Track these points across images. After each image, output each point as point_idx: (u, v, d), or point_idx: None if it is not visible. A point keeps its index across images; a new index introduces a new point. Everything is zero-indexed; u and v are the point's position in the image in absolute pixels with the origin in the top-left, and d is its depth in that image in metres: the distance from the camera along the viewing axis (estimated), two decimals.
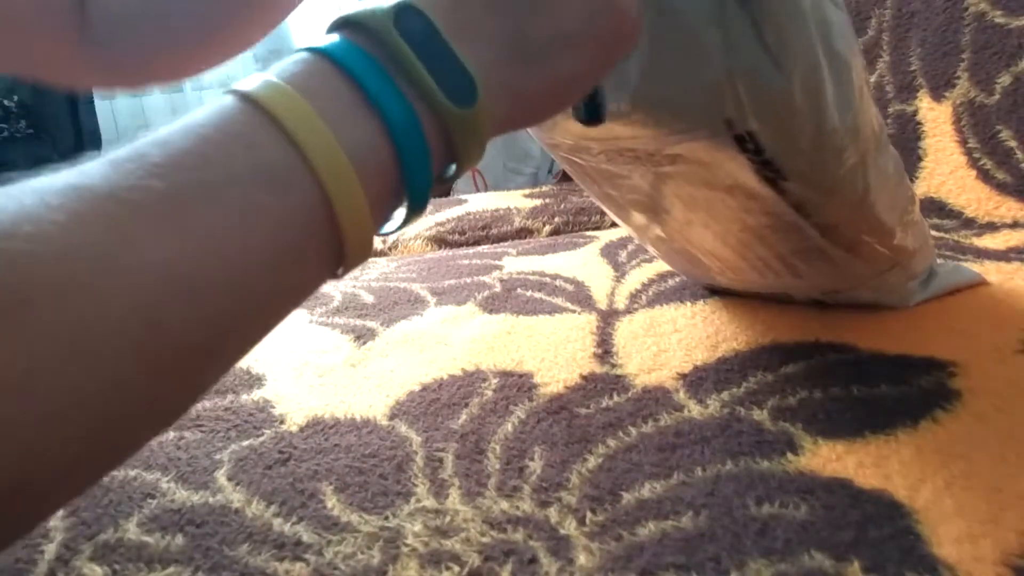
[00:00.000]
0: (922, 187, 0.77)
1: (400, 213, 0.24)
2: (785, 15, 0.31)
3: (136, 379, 0.18)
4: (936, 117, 0.77)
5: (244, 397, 0.45)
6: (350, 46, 0.22)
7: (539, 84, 0.26)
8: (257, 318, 0.21)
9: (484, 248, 0.84)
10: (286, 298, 0.22)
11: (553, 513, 0.31)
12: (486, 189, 1.65)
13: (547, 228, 0.94)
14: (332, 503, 0.33)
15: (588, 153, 0.42)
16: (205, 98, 2.07)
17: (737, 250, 0.45)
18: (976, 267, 0.52)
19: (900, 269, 0.43)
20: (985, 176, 0.72)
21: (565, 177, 1.41)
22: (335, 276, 0.23)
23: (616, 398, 0.40)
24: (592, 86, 0.30)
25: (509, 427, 0.38)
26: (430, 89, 0.22)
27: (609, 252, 0.72)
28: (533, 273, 0.67)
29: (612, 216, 0.52)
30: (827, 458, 0.32)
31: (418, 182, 0.23)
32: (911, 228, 0.42)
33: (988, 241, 0.63)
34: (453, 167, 0.25)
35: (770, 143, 0.34)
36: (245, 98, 0.20)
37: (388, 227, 0.25)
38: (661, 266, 0.62)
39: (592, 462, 0.34)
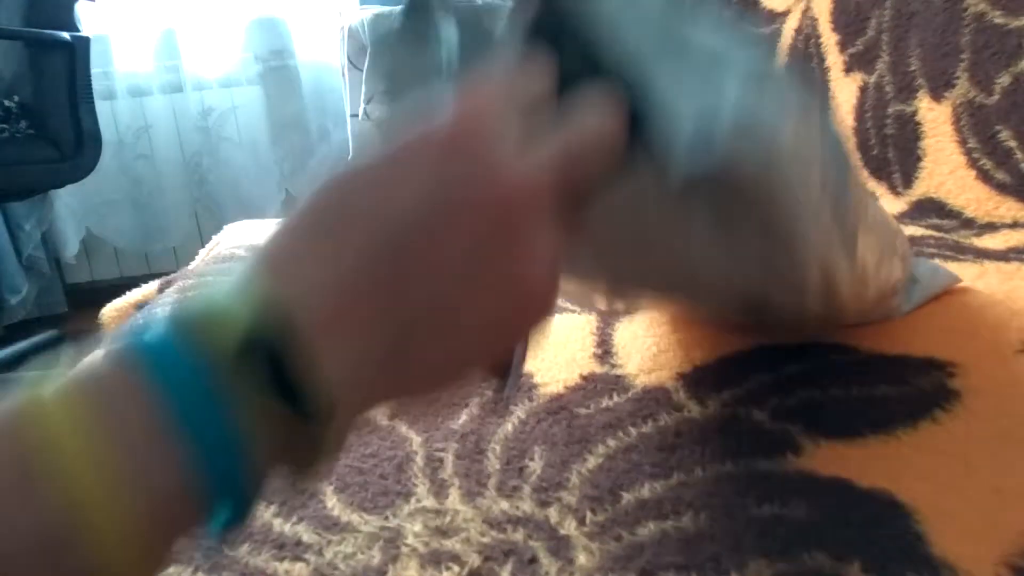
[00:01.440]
0: (922, 187, 0.77)
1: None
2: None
3: None
4: (936, 117, 0.77)
5: None
6: (179, 359, 0.19)
7: (418, 386, 0.24)
8: None
9: None
10: None
11: (553, 513, 0.31)
12: None
13: None
14: (332, 503, 0.33)
15: None
16: (205, 99, 2.06)
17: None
18: (976, 267, 0.52)
19: (881, 303, 0.43)
20: (985, 176, 0.72)
21: None
22: None
23: (616, 398, 0.40)
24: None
25: (509, 427, 0.38)
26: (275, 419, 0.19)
27: None
28: None
29: None
30: (827, 458, 0.32)
31: (234, 513, 0.20)
32: (893, 275, 0.41)
33: (988, 241, 0.63)
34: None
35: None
36: (37, 425, 0.18)
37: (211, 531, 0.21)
38: None
39: (592, 462, 0.34)
